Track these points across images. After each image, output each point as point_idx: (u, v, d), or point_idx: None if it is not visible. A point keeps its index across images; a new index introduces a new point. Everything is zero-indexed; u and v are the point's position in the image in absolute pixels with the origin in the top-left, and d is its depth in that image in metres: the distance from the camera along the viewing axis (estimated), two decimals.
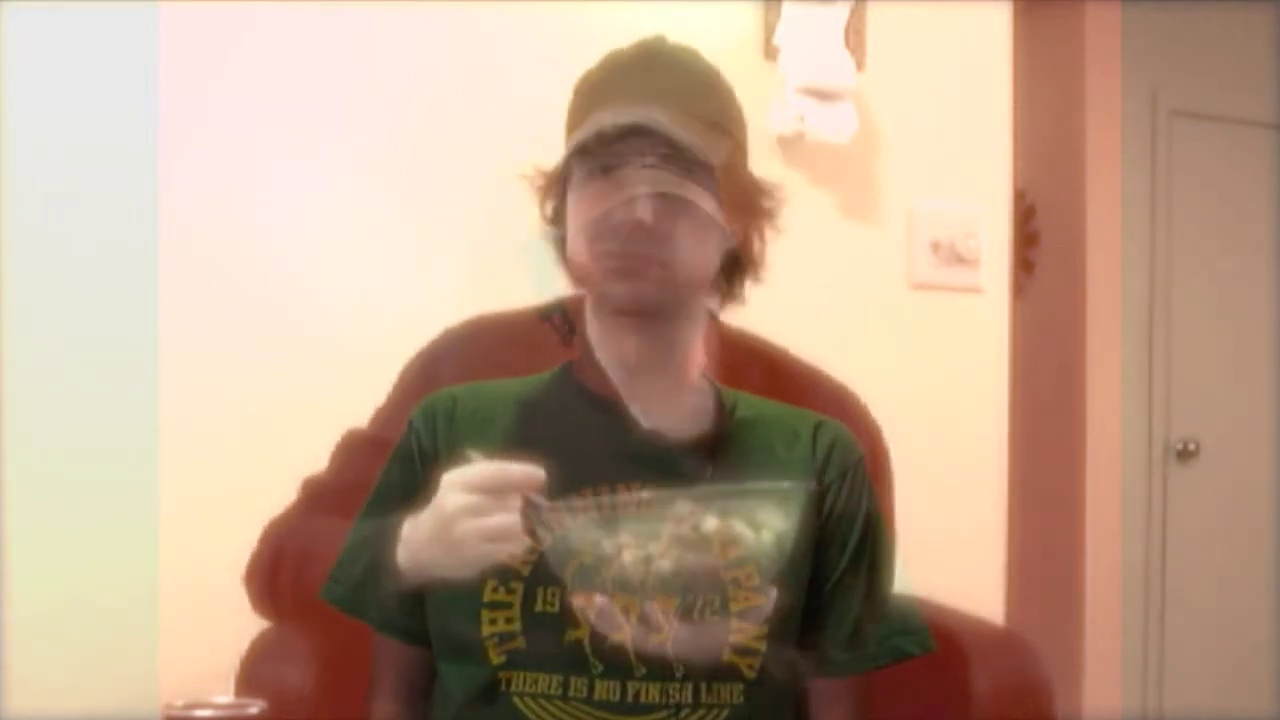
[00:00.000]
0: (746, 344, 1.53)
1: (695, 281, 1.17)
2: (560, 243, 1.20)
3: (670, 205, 1.11)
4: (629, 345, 1.17)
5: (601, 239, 1.12)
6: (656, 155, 1.10)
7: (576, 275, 1.18)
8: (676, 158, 1.10)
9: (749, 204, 1.20)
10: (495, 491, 0.96)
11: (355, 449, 1.56)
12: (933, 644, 1.22)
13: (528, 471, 0.96)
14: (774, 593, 0.98)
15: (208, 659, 1.44)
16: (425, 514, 1.01)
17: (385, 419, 1.56)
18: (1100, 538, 3.44)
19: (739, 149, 1.19)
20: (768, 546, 0.95)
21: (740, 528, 0.93)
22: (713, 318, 1.42)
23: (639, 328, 1.16)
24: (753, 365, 1.38)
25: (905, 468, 1.69)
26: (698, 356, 1.22)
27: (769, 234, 1.22)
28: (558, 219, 1.20)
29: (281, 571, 1.48)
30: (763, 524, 0.94)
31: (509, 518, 0.96)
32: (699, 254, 1.15)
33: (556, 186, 1.19)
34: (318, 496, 1.53)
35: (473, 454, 1.00)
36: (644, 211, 1.10)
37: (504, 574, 1.10)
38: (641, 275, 1.12)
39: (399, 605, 1.15)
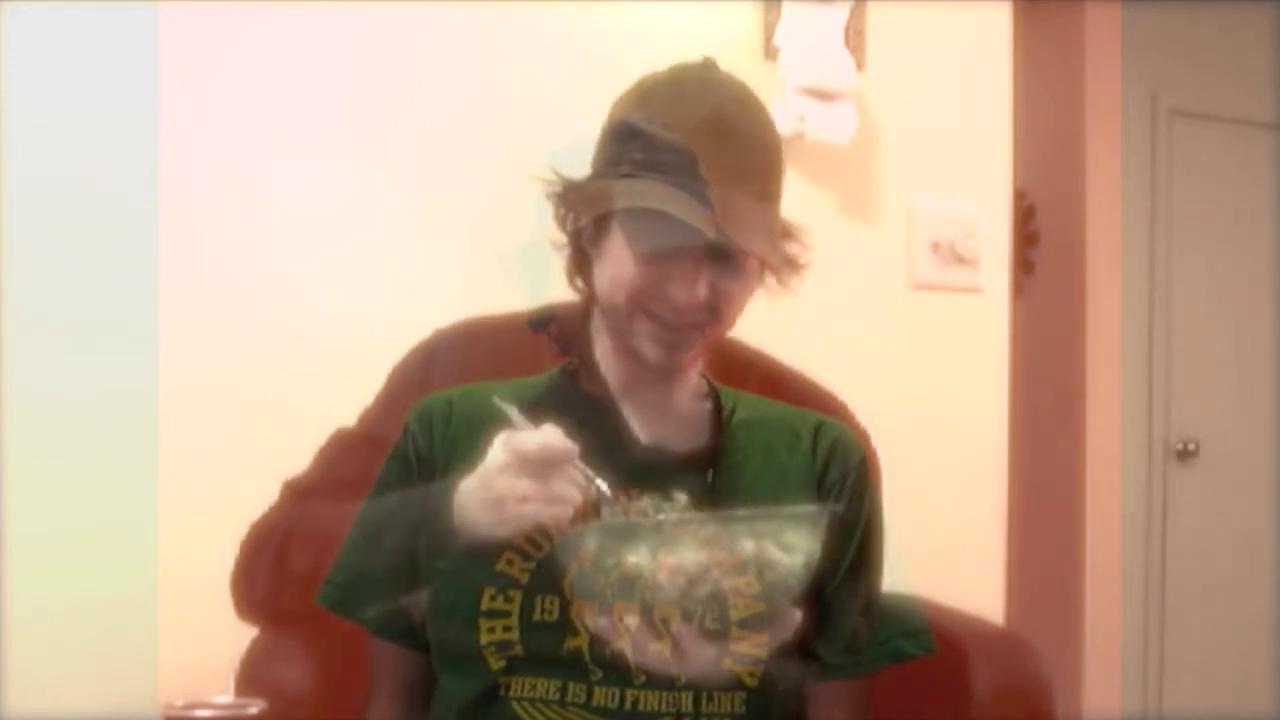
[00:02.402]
0: (740, 354, 1.52)
1: (726, 333, 1.18)
2: (574, 254, 1.19)
3: (721, 276, 1.11)
4: (636, 373, 1.17)
5: (651, 305, 1.12)
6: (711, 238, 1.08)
7: (603, 310, 1.17)
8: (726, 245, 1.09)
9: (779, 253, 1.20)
10: (538, 462, 0.98)
11: (342, 447, 1.55)
12: (935, 645, 1.22)
13: (569, 448, 0.98)
14: (797, 615, 0.98)
15: (208, 659, 1.44)
16: (474, 475, 1.02)
17: (374, 419, 1.56)
18: (1100, 538, 3.44)
19: (774, 201, 1.17)
20: (798, 570, 0.95)
21: (775, 552, 0.94)
22: None
23: (655, 370, 1.17)
24: (749, 375, 1.37)
25: (905, 468, 1.69)
26: (697, 368, 1.23)
27: (790, 276, 1.20)
28: (577, 234, 1.18)
29: (265, 570, 1.47)
30: (793, 546, 0.95)
31: (554, 486, 0.97)
32: (738, 314, 1.16)
33: (587, 206, 1.15)
34: (302, 494, 1.52)
35: (514, 415, 1.03)
36: (703, 288, 1.10)
37: (502, 582, 1.10)
38: (684, 346, 1.14)
39: (397, 610, 1.16)
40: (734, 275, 1.12)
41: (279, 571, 1.45)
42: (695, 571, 0.92)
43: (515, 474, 0.98)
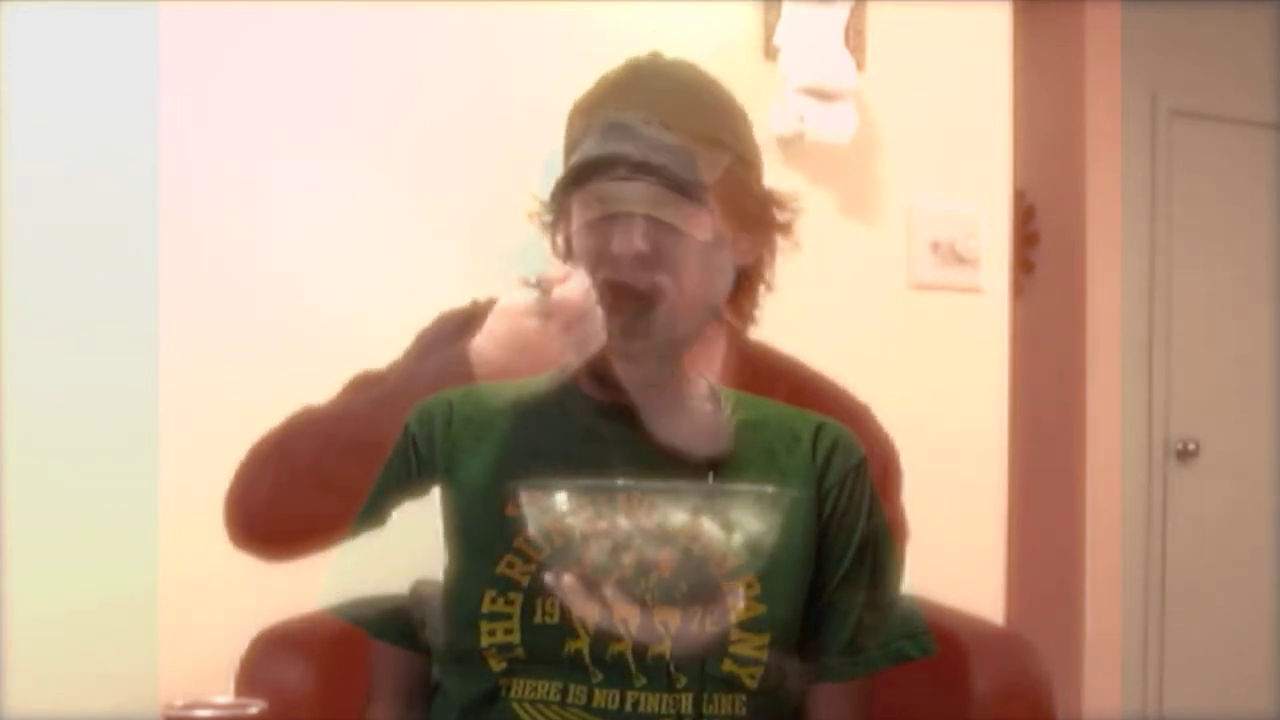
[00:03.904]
0: (770, 362, 1.50)
1: (704, 305, 1.15)
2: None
3: (669, 229, 1.08)
4: (633, 375, 1.16)
5: (602, 269, 1.10)
6: (647, 178, 1.07)
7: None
8: (669, 179, 1.07)
9: (758, 217, 1.18)
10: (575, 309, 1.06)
11: (359, 383, 1.51)
12: (934, 647, 1.21)
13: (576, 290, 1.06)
14: (739, 596, 0.97)
15: (208, 659, 1.44)
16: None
17: (402, 372, 1.52)
18: (1100, 538, 3.44)
19: (742, 162, 1.17)
20: (737, 548, 0.93)
21: (708, 526, 0.92)
22: (734, 334, 1.41)
23: (644, 362, 1.13)
24: (777, 385, 1.36)
25: (905, 468, 1.68)
26: (707, 367, 1.21)
27: (784, 246, 1.19)
28: (568, 253, 1.18)
29: (265, 481, 1.41)
30: (735, 525, 0.93)
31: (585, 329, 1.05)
32: (704, 276, 1.12)
33: (563, 221, 1.16)
34: (311, 417, 1.47)
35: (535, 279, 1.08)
36: (639, 239, 1.07)
37: (503, 584, 1.10)
38: (645, 303, 1.10)
39: (397, 611, 1.16)
40: (678, 230, 1.09)
41: (277, 484, 1.39)
42: (621, 539, 0.91)
43: (550, 321, 1.06)
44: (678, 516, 0.91)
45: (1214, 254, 3.76)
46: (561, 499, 0.93)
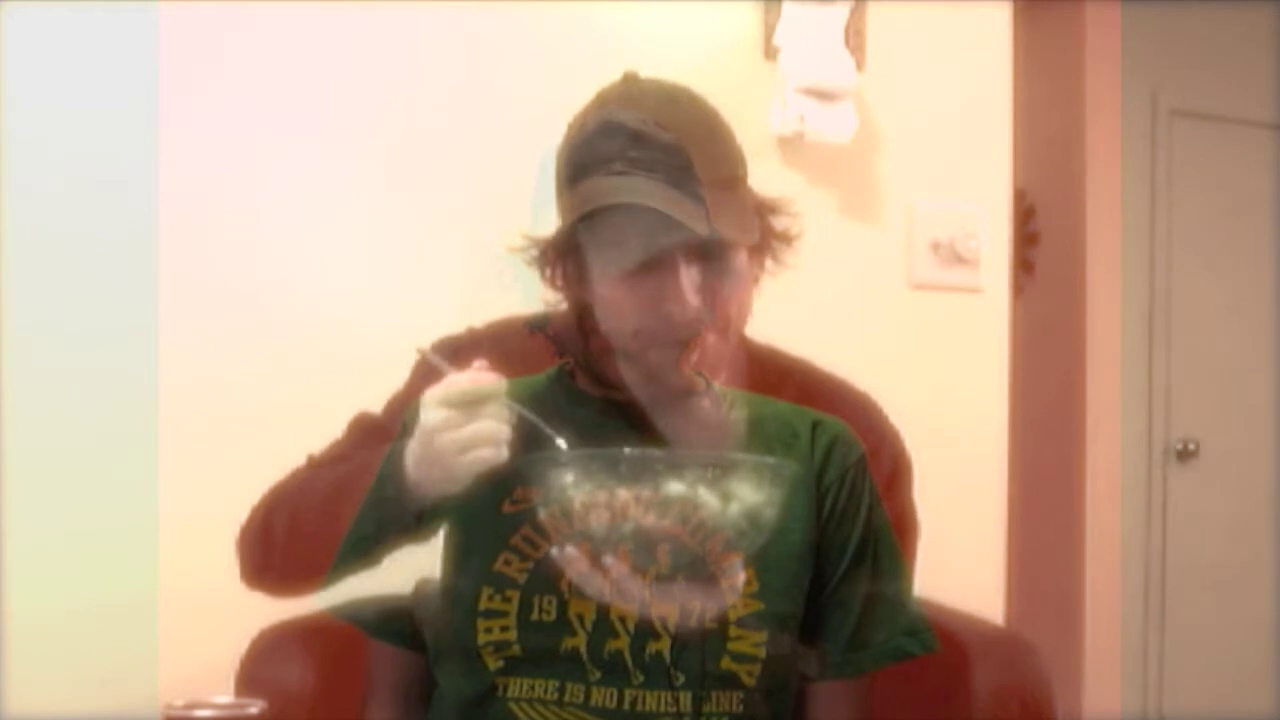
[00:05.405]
0: (777, 361, 1.50)
1: (735, 332, 1.16)
2: (574, 305, 1.17)
3: (709, 276, 1.09)
4: (631, 375, 1.15)
5: (648, 323, 1.09)
6: (641, 172, 1.06)
7: (613, 340, 1.14)
8: (670, 178, 1.07)
9: (763, 228, 1.18)
10: (467, 404, 1.01)
11: (365, 429, 1.52)
12: (936, 644, 1.22)
13: (496, 380, 1.01)
14: (740, 572, 0.97)
15: (208, 659, 1.44)
16: (414, 436, 1.05)
17: (399, 408, 1.52)
18: (1100, 538, 3.44)
19: (743, 183, 1.17)
20: (734, 518, 0.93)
21: (705, 495, 0.92)
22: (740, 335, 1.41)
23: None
24: (785, 384, 1.36)
25: None
26: (717, 368, 1.21)
27: (784, 251, 1.19)
28: (567, 284, 1.17)
29: (269, 533, 1.43)
30: (732, 495, 0.93)
31: (483, 425, 1.00)
32: (738, 308, 1.14)
33: (572, 255, 1.14)
34: (313, 468, 1.48)
35: (438, 361, 1.05)
36: (691, 295, 1.07)
37: (500, 581, 1.10)
38: (692, 352, 1.11)
39: (395, 611, 1.16)
40: (722, 272, 1.10)
41: (285, 538, 1.40)
42: (619, 509, 0.91)
43: (447, 428, 1.01)
44: (675, 486, 0.91)
45: (1214, 254, 3.76)
46: (566, 473, 0.93)
